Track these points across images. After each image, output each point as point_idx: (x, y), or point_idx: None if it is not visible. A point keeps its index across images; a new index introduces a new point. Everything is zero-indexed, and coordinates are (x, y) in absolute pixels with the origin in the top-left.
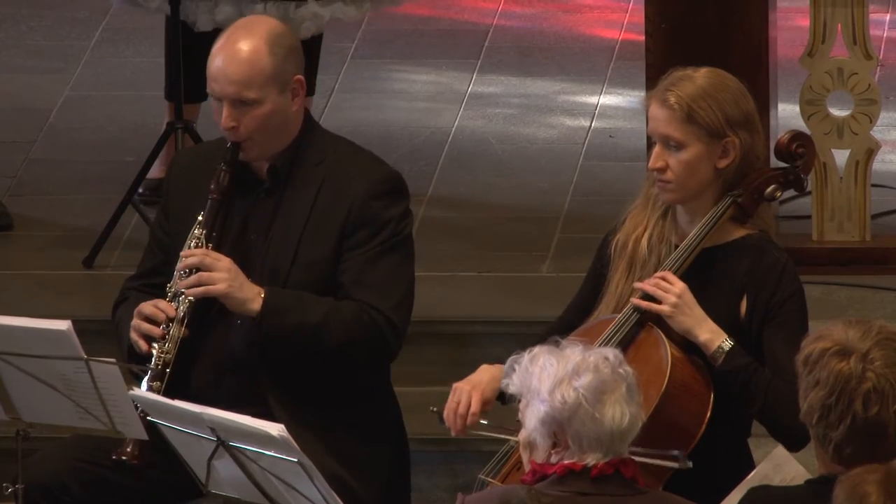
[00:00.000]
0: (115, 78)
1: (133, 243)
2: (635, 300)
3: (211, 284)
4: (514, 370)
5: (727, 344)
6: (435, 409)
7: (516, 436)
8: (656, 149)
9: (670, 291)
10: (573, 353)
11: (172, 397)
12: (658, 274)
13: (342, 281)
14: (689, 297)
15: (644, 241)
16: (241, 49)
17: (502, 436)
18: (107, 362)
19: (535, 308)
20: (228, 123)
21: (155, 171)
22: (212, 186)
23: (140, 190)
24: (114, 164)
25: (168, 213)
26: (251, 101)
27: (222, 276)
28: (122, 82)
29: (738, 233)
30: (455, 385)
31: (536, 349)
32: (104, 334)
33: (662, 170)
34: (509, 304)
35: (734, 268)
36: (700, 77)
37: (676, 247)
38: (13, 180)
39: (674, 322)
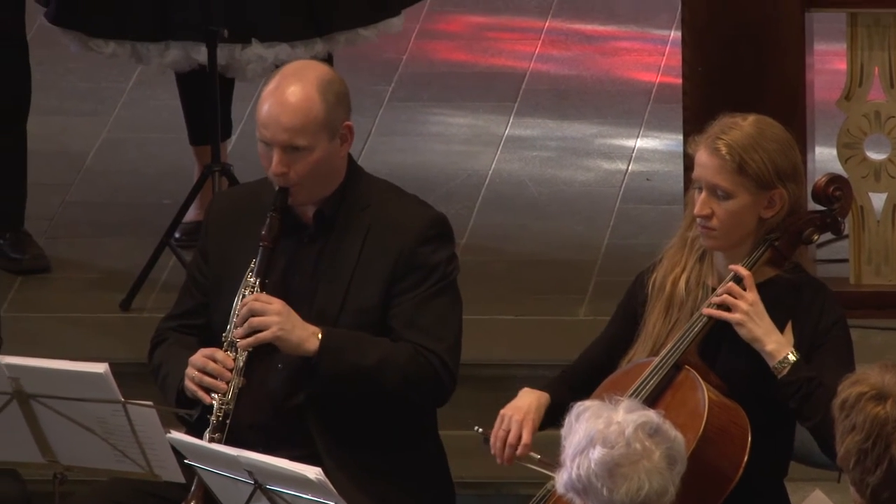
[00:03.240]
0: (151, 120)
1: (170, 286)
2: (706, 309)
3: (262, 330)
4: (568, 420)
5: (793, 356)
6: (480, 430)
7: None
8: (703, 196)
9: (742, 299)
10: (601, 420)
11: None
12: (735, 270)
13: (393, 325)
14: (760, 307)
15: (682, 283)
16: (293, 96)
17: (549, 472)
18: (144, 405)
19: (573, 351)
20: (279, 169)
21: (191, 214)
22: (262, 233)
23: (177, 233)
24: (150, 206)
25: (206, 254)
26: (303, 147)
27: (273, 319)
28: (159, 125)
29: (773, 272)
30: (502, 412)
31: (588, 404)
32: (141, 377)
33: (708, 217)
34: (547, 348)
35: (772, 306)
36: (749, 126)
37: (713, 290)
38: (50, 223)
39: (743, 330)
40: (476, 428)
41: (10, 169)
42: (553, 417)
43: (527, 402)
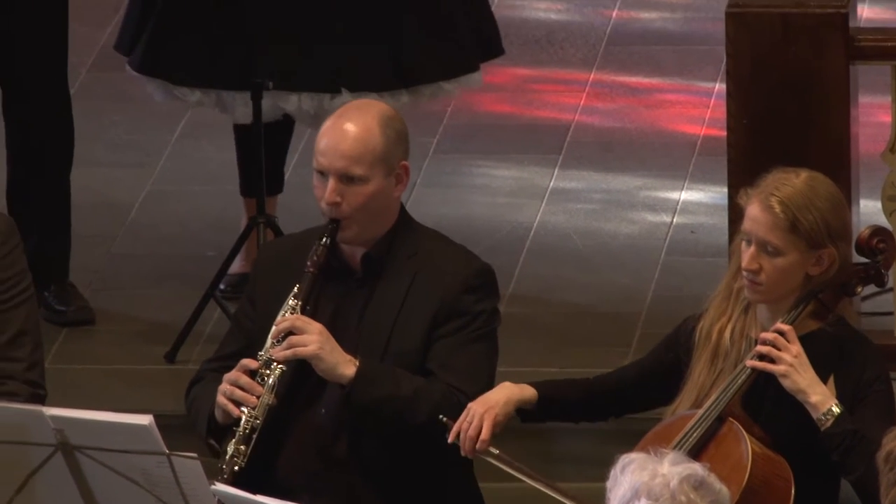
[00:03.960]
0: (196, 172)
1: (214, 338)
2: (750, 361)
3: (301, 346)
4: (613, 472)
5: (837, 408)
6: (444, 419)
7: (522, 474)
8: (752, 250)
9: (786, 351)
10: (646, 472)
11: (256, 490)
12: (775, 328)
13: (430, 366)
14: (804, 359)
15: (727, 333)
16: (354, 126)
17: (509, 469)
18: (189, 457)
19: None
20: (333, 198)
21: (236, 266)
22: (308, 262)
23: (221, 285)
24: (195, 258)
25: (255, 301)
26: (358, 177)
27: (313, 338)
28: (204, 176)
29: (816, 325)
30: (469, 405)
31: (633, 456)
32: (186, 429)
33: (756, 272)
34: None
35: (815, 358)
36: (802, 183)
37: (756, 342)
38: (95, 275)
39: (787, 382)
40: (441, 417)
41: (55, 221)
42: (544, 412)
43: (496, 397)
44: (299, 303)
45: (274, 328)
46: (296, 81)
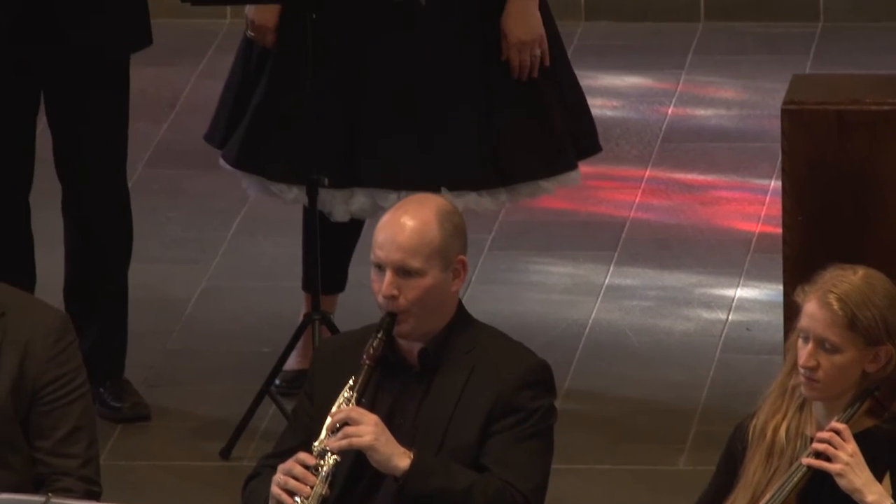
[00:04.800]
0: (252, 268)
1: (270, 434)
2: (805, 459)
3: (357, 437)
4: None
5: None
6: None
7: None
8: (810, 347)
9: (842, 450)
10: None
11: None
12: (831, 427)
13: (484, 462)
14: (860, 458)
15: (782, 431)
16: (411, 219)
17: None
18: None
19: (672, 502)
20: (390, 291)
21: (292, 363)
22: (364, 355)
23: (277, 381)
24: (251, 354)
25: (312, 397)
26: (415, 270)
27: (369, 429)
28: (259, 273)
29: (871, 422)
30: None
31: None
32: None
33: (813, 369)
34: (646, 497)
35: (869, 457)
36: (860, 280)
37: (812, 439)
38: (151, 371)
39: (843, 481)
40: None
41: (112, 318)
42: None
43: None
44: (354, 394)
45: (329, 419)
46: (396, 180)
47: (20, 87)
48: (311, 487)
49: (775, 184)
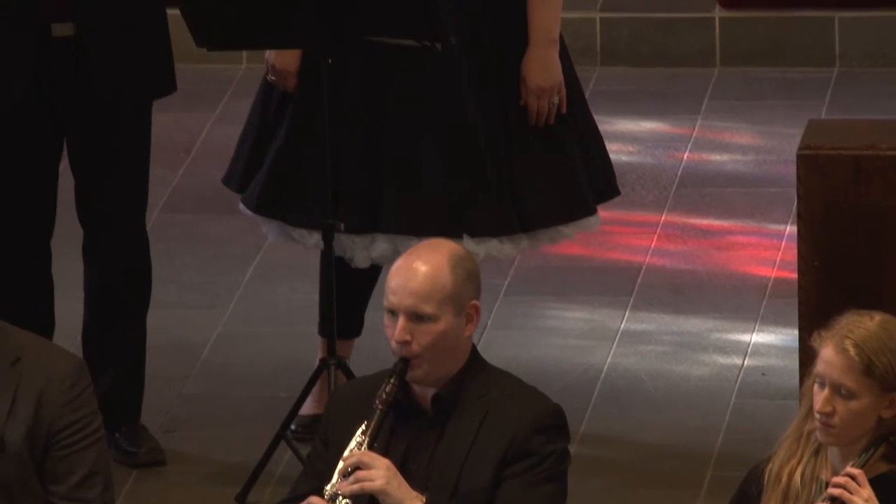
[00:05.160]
0: (268, 313)
1: (286, 479)
2: (819, 503)
3: (369, 481)
4: None
5: None
6: None
7: None
8: (825, 393)
9: (857, 495)
10: None
11: None
12: (846, 472)
13: None
14: (875, 503)
15: (797, 476)
16: (423, 264)
17: None
18: None
19: None
20: (402, 337)
21: (307, 408)
22: (377, 399)
23: (293, 426)
24: (267, 399)
25: (327, 443)
26: (428, 316)
27: (380, 473)
28: (275, 318)
29: (886, 467)
30: None
31: None
32: None
33: (829, 414)
34: None
35: (885, 501)
36: (876, 326)
37: (827, 484)
38: (166, 416)
39: None
40: None
41: (129, 363)
42: None
43: None
44: (367, 439)
45: (341, 463)
46: (417, 226)
47: (45, 132)
48: None
49: (791, 229)
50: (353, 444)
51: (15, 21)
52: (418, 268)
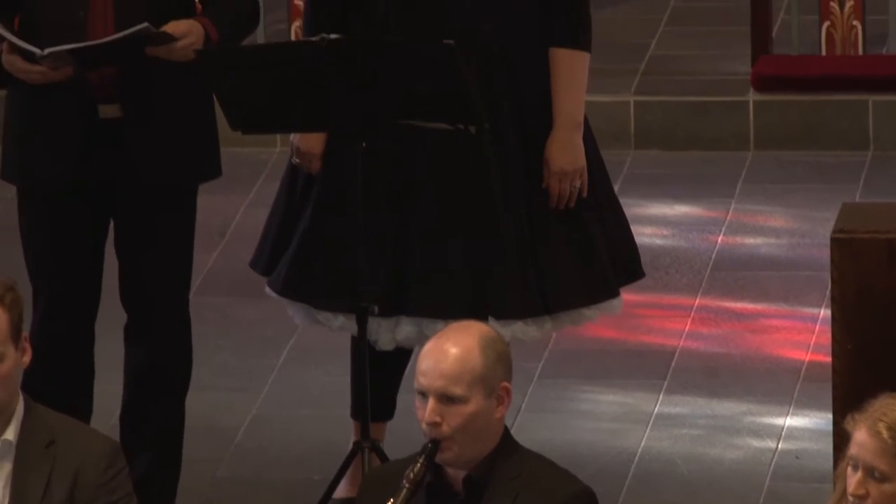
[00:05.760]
0: (301, 396)
1: None
2: None
3: None
4: None
5: None
6: None
7: None
8: (859, 475)
9: None
10: None
11: None
12: None
13: None
14: None
15: None
16: (453, 346)
17: None
18: None
19: None
20: (432, 418)
21: (341, 491)
22: (404, 479)
23: None
24: (301, 482)
25: None
26: (457, 397)
27: None
28: (309, 401)
29: None
30: None
31: None
32: None
33: (863, 497)
34: None
35: None
36: None
37: None
38: (200, 498)
39: None
40: None
41: (167, 446)
42: None
43: None
44: None
45: None
46: (442, 309)
47: (90, 213)
48: None
49: (825, 312)
50: None
51: (63, 102)
52: (448, 349)
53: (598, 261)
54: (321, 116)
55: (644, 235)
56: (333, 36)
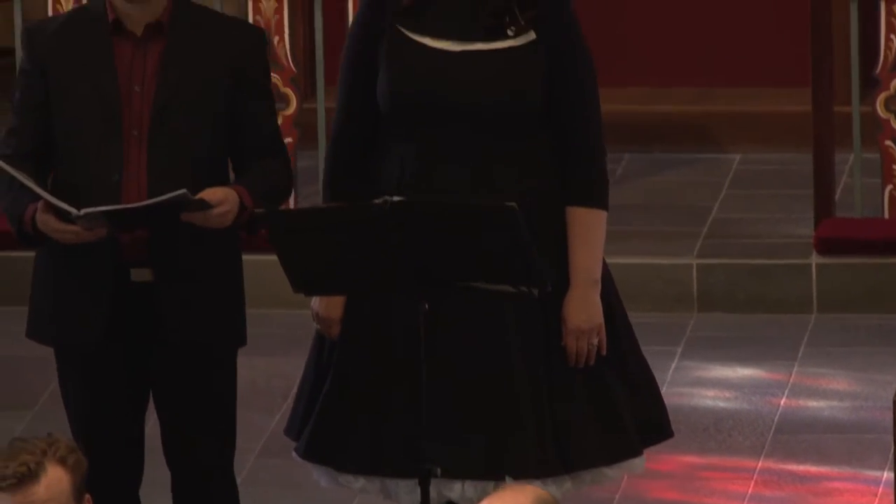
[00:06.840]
0: None
1: None
2: None
3: None
4: None
5: None
6: None
7: None
8: None
9: None
10: None
11: None
12: None
13: None
14: None
15: None
16: None
17: None
18: None
19: None
20: None
21: None
22: None
23: None
24: None
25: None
26: None
27: None
28: None
29: None
30: None
31: None
32: None
33: None
34: None
35: None
36: None
37: None
38: None
39: None
40: None
41: None
42: None
43: None
44: None
45: None
46: (459, 469)
47: (125, 377)
48: None
49: (888, 475)
50: None
51: (95, 265)
52: None
53: (620, 418)
54: (384, 278)
55: (707, 398)
56: (396, 198)
